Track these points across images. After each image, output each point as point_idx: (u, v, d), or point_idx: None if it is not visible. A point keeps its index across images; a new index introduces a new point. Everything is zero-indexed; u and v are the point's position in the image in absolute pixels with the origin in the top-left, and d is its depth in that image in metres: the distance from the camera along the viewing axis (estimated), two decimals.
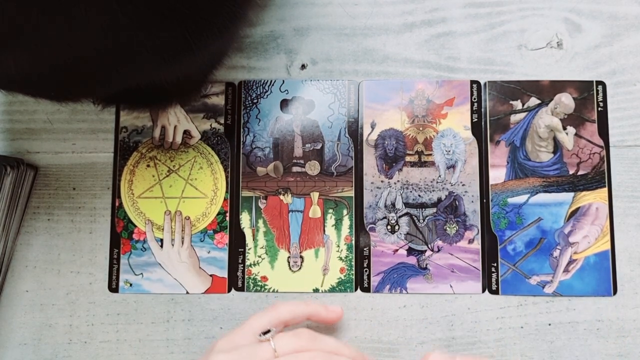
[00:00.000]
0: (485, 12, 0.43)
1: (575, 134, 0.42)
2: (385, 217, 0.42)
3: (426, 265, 0.41)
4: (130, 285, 0.42)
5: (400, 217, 0.42)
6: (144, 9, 0.27)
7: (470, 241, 0.41)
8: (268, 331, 0.35)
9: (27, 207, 0.43)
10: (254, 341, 0.35)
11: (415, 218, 0.42)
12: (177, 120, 0.43)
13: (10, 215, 0.41)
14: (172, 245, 0.42)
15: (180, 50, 0.31)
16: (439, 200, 0.42)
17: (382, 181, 0.42)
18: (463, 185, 0.42)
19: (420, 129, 0.42)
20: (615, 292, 0.40)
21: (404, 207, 0.42)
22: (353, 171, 0.42)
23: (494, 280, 0.41)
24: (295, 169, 0.42)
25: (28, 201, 0.42)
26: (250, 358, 0.34)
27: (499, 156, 0.42)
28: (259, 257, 0.42)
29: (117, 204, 0.42)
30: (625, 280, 0.41)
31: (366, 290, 0.41)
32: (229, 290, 0.41)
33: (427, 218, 0.42)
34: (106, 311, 0.41)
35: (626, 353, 0.40)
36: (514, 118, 0.42)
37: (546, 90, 0.42)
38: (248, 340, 0.35)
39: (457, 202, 0.42)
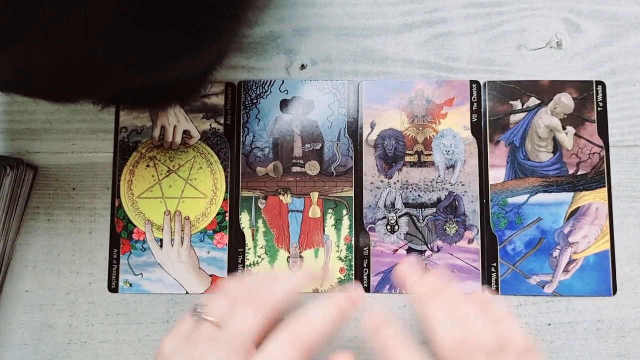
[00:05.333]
0: (485, 13, 0.43)
1: (575, 134, 0.42)
2: (385, 217, 0.42)
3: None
4: (130, 285, 0.42)
5: (400, 217, 0.42)
6: (143, 11, 0.27)
7: (470, 241, 0.41)
8: (196, 310, 0.33)
9: (27, 207, 0.43)
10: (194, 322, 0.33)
11: (415, 218, 0.42)
12: (177, 121, 0.43)
13: (10, 215, 0.41)
14: (172, 245, 0.42)
15: (179, 52, 0.31)
16: (439, 200, 0.42)
17: (382, 181, 0.42)
18: (463, 185, 0.42)
19: (420, 129, 0.42)
20: (615, 292, 0.40)
21: (403, 207, 0.42)
22: (353, 171, 0.42)
23: (493, 280, 0.41)
24: (295, 169, 0.42)
25: (28, 201, 0.42)
26: (194, 345, 0.31)
27: (498, 156, 0.42)
28: (259, 257, 0.42)
29: (117, 204, 0.42)
30: (625, 280, 0.41)
31: (366, 290, 0.41)
32: None
33: (427, 218, 0.42)
34: (106, 311, 0.41)
35: (626, 353, 0.40)
36: (514, 118, 0.42)
37: (546, 91, 0.42)
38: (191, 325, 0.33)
39: (457, 202, 0.42)
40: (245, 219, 0.42)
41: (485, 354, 0.31)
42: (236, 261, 0.42)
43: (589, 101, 0.42)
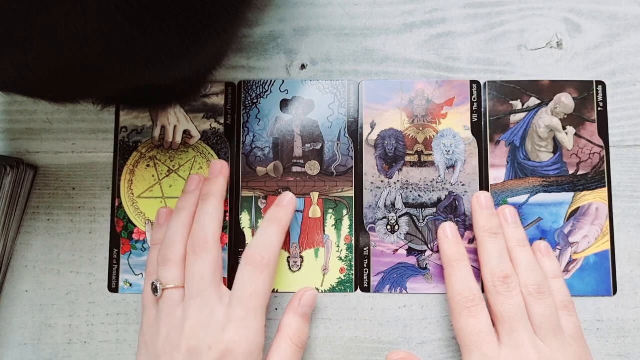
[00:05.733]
0: (485, 12, 0.43)
1: (575, 134, 0.42)
2: (385, 217, 0.42)
3: (426, 265, 0.41)
4: (130, 285, 0.42)
5: (400, 217, 0.42)
6: (142, 11, 0.27)
7: (470, 241, 0.41)
8: (155, 286, 0.37)
9: (27, 207, 0.43)
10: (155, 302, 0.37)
11: (415, 218, 0.42)
12: (177, 120, 0.43)
13: (10, 215, 0.41)
14: None
15: (178, 53, 0.31)
16: (439, 200, 0.42)
17: (382, 181, 0.42)
18: (463, 185, 0.42)
19: (420, 129, 0.42)
20: (615, 292, 0.40)
21: (403, 207, 0.42)
22: (353, 171, 0.42)
23: None
24: (295, 169, 0.42)
25: (28, 201, 0.42)
26: (171, 313, 0.35)
27: (498, 156, 0.42)
28: None
29: (117, 204, 0.42)
30: (625, 280, 0.41)
31: (366, 290, 0.41)
32: None
33: (427, 218, 0.42)
34: (106, 311, 0.41)
35: (626, 353, 0.40)
36: (514, 118, 0.42)
37: (546, 90, 0.42)
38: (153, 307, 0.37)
39: (457, 202, 0.42)
40: (245, 219, 0.42)
41: (523, 292, 0.36)
42: (236, 261, 0.42)
43: (589, 101, 0.42)
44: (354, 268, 0.41)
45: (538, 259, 0.39)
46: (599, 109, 0.42)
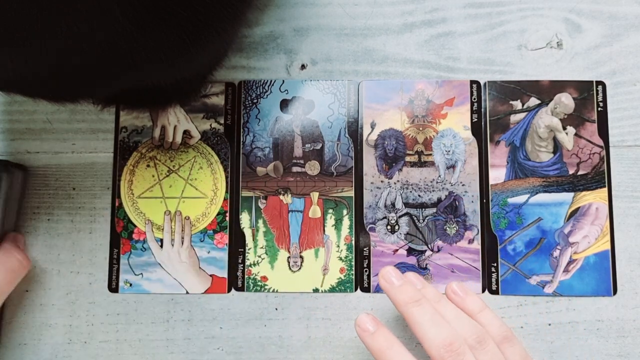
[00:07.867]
0: (485, 12, 0.43)
1: (575, 134, 0.42)
2: (385, 217, 0.42)
3: (426, 265, 0.41)
4: (130, 285, 0.42)
5: (400, 217, 0.42)
6: (143, 11, 0.27)
7: (470, 241, 0.41)
8: None
9: (27, 208, 0.42)
10: None
11: (415, 218, 0.42)
12: (177, 120, 0.43)
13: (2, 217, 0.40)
14: (172, 245, 0.42)
15: (178, 53, 0.31)
16: (439, 200, 0.42)
17: (382, 181, 0.42)
18: (463, 185, 0.42)
19: (420, 129, 0.42)
20: (615, 292, 0.40)
21: (403, 207, 0.42)
22: (353, 171, 0.42)
23: (493, 280, 0.41)
24: (295, 169, 0.42)
25: (20, 203, 0.42)
26: None
27: (498, 156, 0.42)
28: (259, 257, 0.42)
29: (117, 204, 0.42)
30: (625, 280, 0.41)
31: (366, 290, 0.41)
32: (229, 290, 0.41)
33: (427, 218, 0.42)
34: (106, 311, 0.41)
35: (626, 353, 0.40)
36: (514, 118, 0.42)
37: (546, 90, 0.42)
38: None
39: (457, 202, 0.42)
40: (245, 219, 0.42)
41: (470, 349, 0.33)
42: (236, 261, 0.42)
43: (589, 101, 0.42)
44: (354, 268, 0.41)
45: (457, 302, 0.37)
46: (599, 109, 0.42)
